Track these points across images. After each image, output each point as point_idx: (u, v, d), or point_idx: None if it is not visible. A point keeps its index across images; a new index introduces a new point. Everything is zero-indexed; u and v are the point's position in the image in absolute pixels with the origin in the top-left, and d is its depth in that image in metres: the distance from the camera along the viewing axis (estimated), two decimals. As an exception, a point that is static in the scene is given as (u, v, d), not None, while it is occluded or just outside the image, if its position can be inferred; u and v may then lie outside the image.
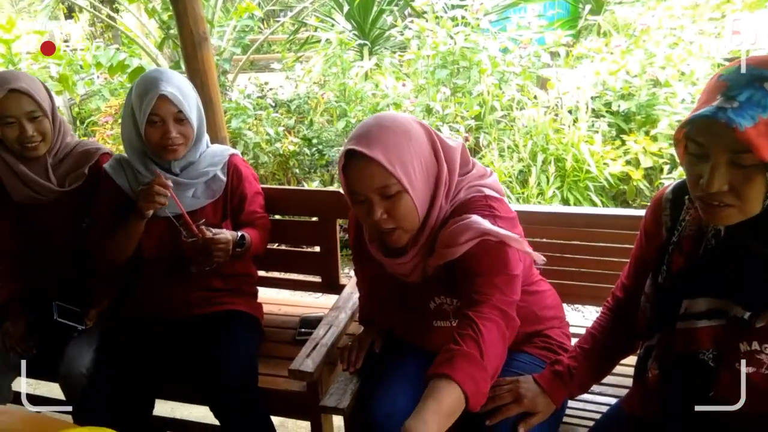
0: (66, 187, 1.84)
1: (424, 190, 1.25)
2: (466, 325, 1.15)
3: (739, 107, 0.86)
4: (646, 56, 3.65)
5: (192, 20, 2.35)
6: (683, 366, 1.09)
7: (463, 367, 1.08)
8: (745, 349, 0.99)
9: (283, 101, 5.03)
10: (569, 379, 1.30)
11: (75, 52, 6.56)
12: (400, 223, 1.25)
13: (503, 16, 5.34)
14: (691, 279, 1.06)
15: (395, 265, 1.36)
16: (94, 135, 5.05)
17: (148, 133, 1.66)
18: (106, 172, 1.78)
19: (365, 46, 5.32)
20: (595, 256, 1.78)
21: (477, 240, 1.20)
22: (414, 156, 1.22)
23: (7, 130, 1.71)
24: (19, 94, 1.69)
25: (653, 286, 1.14)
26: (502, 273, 1.22)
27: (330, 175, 4.17)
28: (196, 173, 1.77)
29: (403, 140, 1.21)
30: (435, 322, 1.39)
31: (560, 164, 3.33)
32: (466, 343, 1.12)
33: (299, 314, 2.04)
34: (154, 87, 1.63)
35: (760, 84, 0.86)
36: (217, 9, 5.43)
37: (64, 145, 1.87)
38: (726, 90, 0.88)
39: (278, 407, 1.73)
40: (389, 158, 1.18)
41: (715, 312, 1.02)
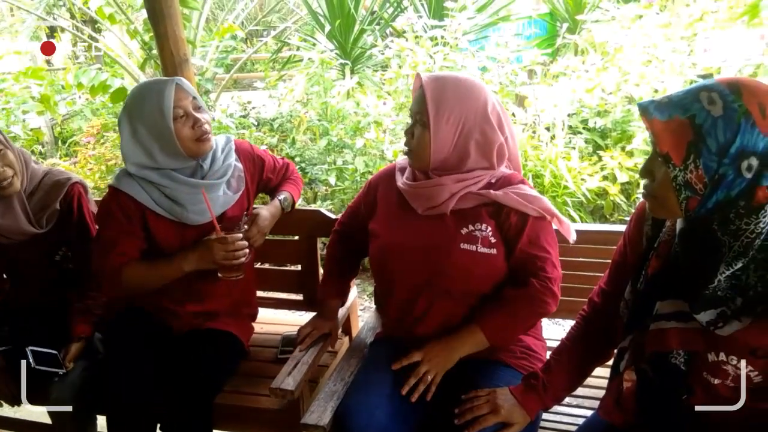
0: (44, 228, 1.80)
1: (447, 140, 1.45)
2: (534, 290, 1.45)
3: (666, 104, 0.93)
4: (621, 74, 3.74)
5: (173, 42, 2.39)
6: (656, 368, 1.13)
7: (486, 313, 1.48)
8: (712, 359, 1.03)
9: (266, 120, 5.07)
10: (543, 392, 1.33)
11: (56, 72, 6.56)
12: (413, 147, 1.49)
13: (482, 35, 5.44)
14: (663, 281, 1.10)
15: (432, 188, 1.49)
16: (76, 155, 5.04)
17: (178, 130, 1.59)
18: (116, 190, 1.66)
19: (347, 65, 5.38)
20: (572, 270, 1.81)
21: (542, 213, 1.45)
22: (456, 112, 1.43)
23: None
24: None
25: (632, 292, 1.18)
26: (556, 252, 1.49)
27: (314, 193, 4.20)
28: (221, 170, 1.73)
29: (457, 96, 1.43)
30: (462, 244, 1.46)
31: (538, 180, 3.39)
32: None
33: (281, 332, 2.05)
34: (166, 82, 1.60)
35: (698, 92, 0.92)
36: (199, 29, 5.47)
37: (31, 174, 1.80)
38: (675, 91, 0.96)
39: (260, 426, 1.74)
40: (435, 96, 1.42)
41: (681, 314, 1.05)
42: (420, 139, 1.46)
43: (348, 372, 1.62)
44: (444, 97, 1.43)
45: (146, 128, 1.60)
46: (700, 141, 0.90)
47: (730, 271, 0.95)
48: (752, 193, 0.90)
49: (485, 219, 1.47)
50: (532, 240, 1.46)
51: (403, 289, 1.56)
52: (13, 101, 5.32)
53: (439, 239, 1.48)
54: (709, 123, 0.90)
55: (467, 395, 1.38)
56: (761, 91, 0.90)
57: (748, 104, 0.88)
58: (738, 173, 0.89)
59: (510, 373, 1.48)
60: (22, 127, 5.29)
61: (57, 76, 6.20)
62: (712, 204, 0.93)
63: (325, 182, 3.91)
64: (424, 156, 1.48)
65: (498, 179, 1.51)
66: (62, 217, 1.82)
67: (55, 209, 1.80)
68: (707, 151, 0.90)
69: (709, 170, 0.91)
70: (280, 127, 4.84)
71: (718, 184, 0.91)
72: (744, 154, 0.89)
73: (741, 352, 0.99)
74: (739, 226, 0.93)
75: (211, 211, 1.63)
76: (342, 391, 1.53)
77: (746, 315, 0.96)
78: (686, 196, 0.94)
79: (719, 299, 0.98)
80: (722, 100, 0.89)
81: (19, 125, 5.25)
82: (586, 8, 5.48)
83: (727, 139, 0.89)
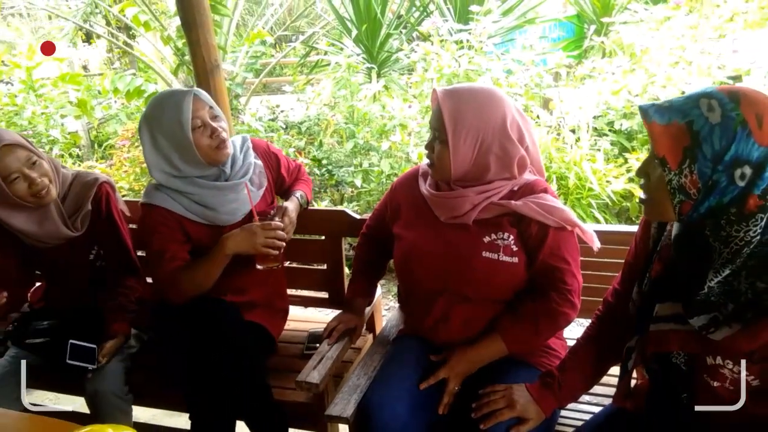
0: (81, 230, 1.86)
1: (466, 155, 1.46)
2: (550, 300, 1.48)
3: (666, 108, 0.96)
4: (648, 76, 3.73)
5: (205, 49, 2.48)
6: (661, 367, 1.16)
7: (506, 323, 1.52)
8: (711, 362, 1.05)
9: (294, 123, 5.16)
10: (558, 390, 1.36)
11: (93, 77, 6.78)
12: (436, 163, 1.52)
13: (508, 38, 5.45)
14: (663, 283, 1.13)
15: (454, 200, 1.53)
16: (112, 158, 5.20)
17: (197, 139, 1.65)
18: (150, 206, 1.73)
19: (373, 69, 5.45)
20: (592, 270, 1.83)
21: (562, 224, 1.46)
22: (474, 129, 1.44)
23: (15, 186, 1.69)
24: (12, 147, 1.67)
25: (638, 293, 1.21)
26: (576, 261, 1.51)
27: (340, 195, 4.27)
28: (243, 169, 1.80)
29: (474, 112, 1.44)
30: (484, 253, 1.49)
31: (563, 182, 3.40)
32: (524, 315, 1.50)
33: (307, 329, 2.12)
34: (183, 93, 1.66)
35: (698, 98, 0.95)
36: (230, 35, 5.60)
37: (63, 179, 1.86)
38: (677, 97, 0.98)
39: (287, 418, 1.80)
40: (453, 114, 1.43)
41: (678, 317, 1.08)
42: (440, 155, 1.49)
43: (371, 367, 1.68)
44: (461, 115, 1.44)
45: (166, 138, 1.67)
46: (696, 147, 0.93)
47: (719, 277, 0.97)
48: (744, 201, 0.92)
49: (507, 228, 1.50)
50: (552, 251, 1.48)
51: (425, 293, 1.60)
52: (52, 106, 5.52)
53: (461, 247, 1.52)
54: (706, 130, 0.92)
55: (484, 390, 1.42)
56: (760, 101, 0.92)
57: (746, 113, 0.90)
58: (731, 181, 0.92)
59: (528, 370, 1.51)
60: (60, 130, 5.48)
61: (93, 81, 6.41)
62: (704, 209, 0.95)
63: (351, 184, 3.98)
64: (445, 171, 1.51)
65: (521, 186, 1.53)
66: (93, 217, 1.90)
67: (88, 210, 1.87)
68: (702, 157, 0.92)
69: (704, 176, 0.93)
70: (307, 130, 4.94)
71: (711, 190, 0.93)
72: (738, 162, 0.91)
73: (736, 357, 1.01)
74: (729, 233, 0.95)
75: (252, 201, 1.72)
76: (365, 385, 1.59)
77: (737, 321, 0.97)
78: (680, 200, 0.97)
79: (711, 305, 0.99)
80: (721, 107, 0.92)
81: (57, 129, 5.45)
82: (614, 10, 5.46)
83: (723, 147, 0.91)
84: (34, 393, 2.22)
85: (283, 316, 2.06)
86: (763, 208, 0.91)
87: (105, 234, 1.93)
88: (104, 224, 1.92)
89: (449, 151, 1.46)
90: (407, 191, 1.70)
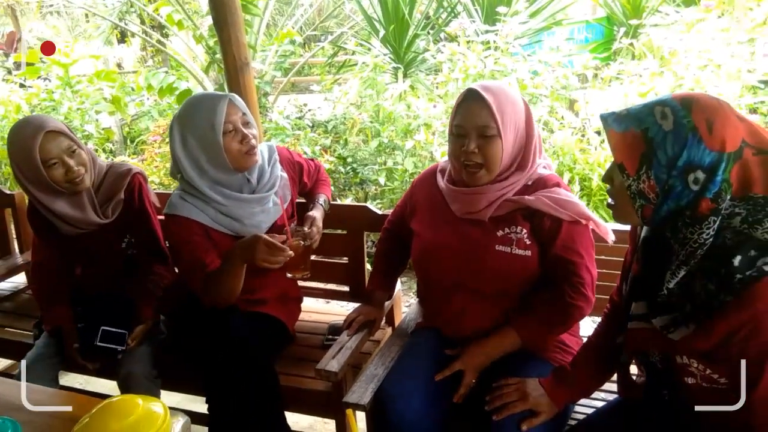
0: (111, 218, 1.94)
1: (511, 145, 1.51)
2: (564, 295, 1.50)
3: (624, 116, 1.00)
4: (675, 79, 3.70)
5: (235, 47, 2.55)
6: (644, 365, 1.19)
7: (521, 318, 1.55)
8: (680, 361, 1.07)
9: (321, 122, 5.23)
10: (570, 385, 1.39)
11: (127, 75, 6.95)
12: (487, 160, 1.50)
13: (536, 39, 5.44)
14: (638, 283, 1.16)
15: (472, 196, 1.56)
16: (143, 153, 5.34)
17: (227, 144, 1.67)
18: (176, 217, 1.74)
19: (399, 69, 5.49)
20: (609, 269, 1.84)
21: (576, 218, 1.49)
22: (514, 118, 1.50)
23: (53, 171, 1.78)
24: (55, 134, 1.76)
25: (625, 290, 1.24)
26: (590, 255, 1.53)
27: (364, 193, 4.32)
28: (270, 183, 1.83)
29: (511, 103, 1.50)
30: (497, 246, 1.54)
31: (586, 183, 3.40)
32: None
33: (328, 321, 2.17)
34: (219, 97, 1.68)
35: (653, 106, 0.98)
36: (260, 34, 5.70)
37: (98, 171, 1.94)
38: (634, 105, 1.02)
39: (306, 405, 1.86)
40: (498, 107, 1.46)
41: (646, 315, 1.11)
42: (493, 150, 1.49)
43: (389, 358, 1.72)
44: (504, 107, 1.48)
45: (196, 140, 1.70)
46: (651, 153, 0.96)
47: (676, 279, 1.00)
48: (697, 204, 0.95)
49: (520, 222, 1.53)
50: (566, 244, 1.50)
51: (442, 287, 1.65)
52: (88, 102, 5.69)
53: (475, 242, 1.56)
54: (660, 137, 0.95)
55: (498, 383, 1.46)
56: (711, 107, 0.94)
57: (696, 120, 0.93)
58: (685, 185, 0.95)
59: (542, 365, 1.54)
60: (95, 126, 5.64)
61: (127, 78, 6.58)
62: (664, 212, 0.98)
63: (375, 182, 4.02)
64: (496, 168, 1.52)
65: (534, 181, 1.57)
66: (126, 206, 1.98)
67: (120, 199, 1.95)
68: (657, 163, 0.96)
69: (660, 181, 0.96)
70: (333, 128, 5.00)
71: (668, 195, 0.96)
72: (691, 167, 0.94)
73: (698, 357, 1.03)
74: (685, 235, 0.97)
75: (284, 209, 1.77)
76: (382, 374, 1.63)
77: (692, 321, 1.00)
78: (641, 204, 1.00)
79: (672, 305, 1.03)
80: (673, 115, 0.95)
81: (92, 124, 5.61)
82: (645, 12, 5.41)
83: (675, 153, 0.94)
84: (67, 376, 2.31)
85: (296, 304, 2.11)
86: (716, 211, 0.94)
87: (136, 222, 2.01)
88: (136, 213, 2.00)
89: (502, 143, 1.48)
90: (426, 188, 1.74)
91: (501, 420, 1.36)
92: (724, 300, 0.95)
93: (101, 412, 0.79)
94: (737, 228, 0.94)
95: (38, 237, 2.05)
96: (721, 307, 0.95)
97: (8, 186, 4.98)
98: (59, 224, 1.91)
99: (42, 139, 1.74)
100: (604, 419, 1.38)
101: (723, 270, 0.95)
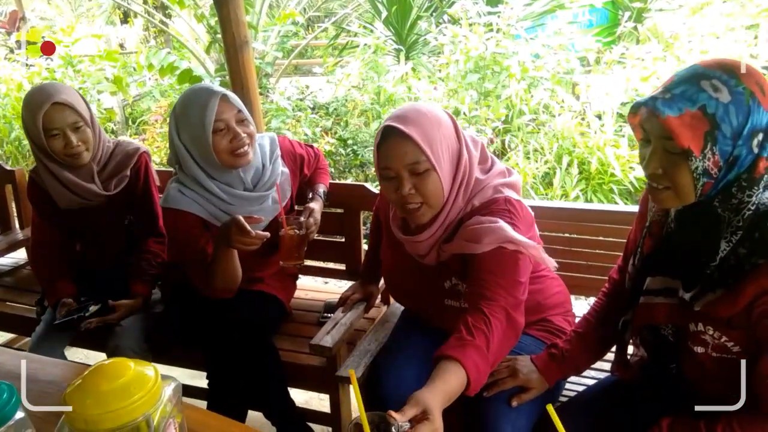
0: (112, 191, 1.95)
1: (449, 173, 1.37)
2: (479, 318, 1.27)
3: (671, 98, 0.96)
4: (678, 63, 3.68)
5: (235, 25, 2.54)
6: (651, 339, 1.19)
7: (472, 356, 1.20)
8: (693, 329, 1.07)
9: (322, 104, 5.23)
10: (562, 361, 1.39)
11: (129, 55, 6.93)
12: (427, 199, 1.36)
13: (539, 23, 5.41)
14: (654, 259, 1.15)
15: (413, 244, 1.47)
16: (145, 133, 5.35)
17: (216, 143, 1.63)
18: (174, 210, 1.72)
19: (401, 51, 5.47)
20: (604, 250, 1.85)
21: (497, 245, 1.31)
22: (443, 140, 1.34)
23: (53, 141, 1.80)
24: (62, 107, 1.78)
25: (633, 266, 1.24)
26: (511, 278, 1.33)
27: (365, 175, 4.32)
28: (270, 181, 1.79)
29: (435, 125, 1.34)
30: (446, 300, 1.50)
31: (585, 167, 3.40)
32: (477, 335, 1.24)
33: (323, 299, 2.19)
34: (211, 93, 1.63)
35: (697, 81, 0.96)
36: (262, 15, 5.68)
37: (105, 150, 1.96)
38: (669, 83, 0.99)
39: (301, 380, 1.88)
40: (423, 137, 1.31)
41: (668, 290, 1.11)
42: (432, 186, 1.34)
43: (382, 334, 1.74)
44: (429, 132, 1.33)
45: (188, 134, 1.67)
46: (715, 129, 0.94)
47: (731, 245, 0.98)
48: (755, 166, 0.95)
49: (459, 272, 1.44)
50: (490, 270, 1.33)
51: (410, 303, 1.71)
52: (89, 81, 5.69)
53: (428, 290, 1.54)
54: (721, 111, 0.94)
55: (490, 361, 1.46)
56: (752, 70, 0.95)
57: (749, 85, 0.93)
58: (750, 150, 0.95)
59: (533, 343, 1.54)
60: (97, 105, 5.64)
61: (129, 58, 6.56)
62: (722, 185, 0.98)
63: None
64: (439, 201, 1.38)
65: (485, 202, 1.41)
66: (132, 182, 2.00)
67: (125, 175, 1.98)
68: (722, 137, 0.94)
69: (725, 154, 0.95)
70: (335, 110, 5.00)
71: (732, 165, 0.96)
72: (755, 131, 0.94)
73: (716, 323, 1.03)
74: (741, 199, 0.97)
75: (282, 207, 1.75)
76: (375, 350, 1.65)
77: (720, 287, 1.00)
78: (703, 183, 0.98)
79: (702, 276, 1.02)
80: (725, 85, 0.94)
81: (94, 104, 5.62)
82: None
83: (740, 122, 0.94)
84: (72, 349, 2.33)
85: (292, 281, 2.13)
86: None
87: (139, 199, 2.03)
88: (140, 190, 2.02)
89: (438, 175, 1.33)
90: (385, 213, 1.65)
91: (491, 396, 1.37)
92: (756, 263, 0.95)
93: (93, 374, 0.81)
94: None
95: (37, 213, 2.06)
96: (753, 269, 0.96)
97: (9, 163, 5.00)
98: (58, 197, 1.93)
99: (48, 108, 1.76)
100: (596, 397, 1.39)
101: (757, 233, 0.95)
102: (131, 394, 0.77)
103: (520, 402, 1.36)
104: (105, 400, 0.76)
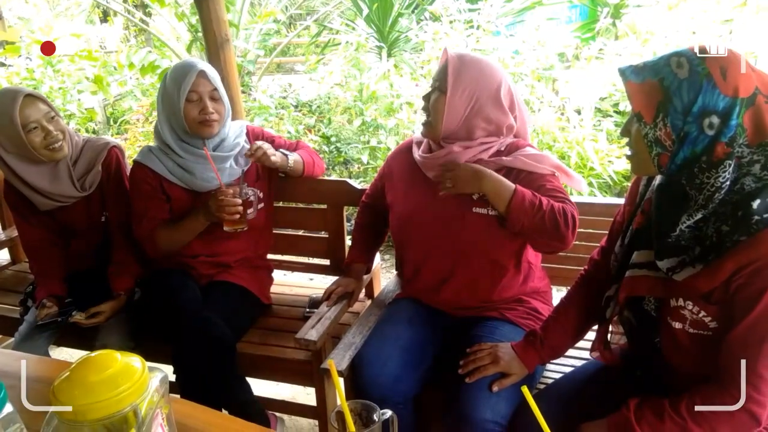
0: (88, 190, 1.97)
1: (459, 109, 1.56)
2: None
3: (641, 68, 1.04)
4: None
5: (215, 24, 2.55)
6: (634, 315, 1.23)
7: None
8: (673, 304, 1.12)
9: (305, 102, 5.23)
10: (540, 346, 1.44)
11: (109, 54, 6.86)
12: (432, 114, 1.60)
13: (519, 19, 5.46)
14: (642, 233, 1.20)
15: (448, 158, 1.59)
16: (127, 132, 5.31)
17: (187, 110, 1.80)
18: (138, 164, 1.89)
19: (383, 49, 5.49)
20: (583, 241, 1.90)
21: (554, 170, 1.56)
22: (471, 87, 1.55)
23: (32, 135, 1.80)
24: (33, 99, 1.81)
25: (621, 246, 1.28)
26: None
27: (348, 172, 4.34)
28: (229, 146, 1.94)
29: (475, 74, 1.55)
30: (474, 208, 1.57)
31: (565, 161, 3.45)
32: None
33: (308, 294, 2.21)
34: (192, 67, 1.80)
35: (669, 57, 1.02)
36: (243, 13, 5.66)
37: (74, 144, 1.97)
38: (652, 57, 1.05)
39: (287, 374, 1.90)
40: (455, 70, 1.54)
41: (652, 264, 1.15)
42: (436, 104, 1.58)
43: (366, 327, 1.76)
44: (463, 72, 1.54)
45: (167, 99, 1.84)
46: (667, 101, 1.00)
47: (691, 221, 1.04)
48: (713, 149, 0.99)
49: None
50: (546, 192, 1.53)
51: (419, 255, 1.69)
52: (69, 81, 5.63)
53: (452, 206, 1.59)
54: (675, 84, 1.00)
55: (472, 348, 1.50)
56: (726, 56, 0.99)
57: (711, 67, 0.97)
58: (701, 130, 0.99)
59: (514, 330, 1.59)
60: (77, 105, 5.58)
61: (110, 58, 6.49)
62: (680, 160, 1.03)
63: (359, 161, 4.05)
64: (437, 122, 1.59)
65: (507, 146, 1.63)
66: (104, 178, 2.00)
67: (98, 171, 1.99)
68: (674, 110, 1.00)
69: (676, 128, 1.01)
70: (318, 108, 5.01)
71: (683, 141, 1.01)
72: (706, 112, 0.98)
73: (695, 298, 1.08)
74: (702, 180, 1.02)
75: (214, 167, 1.84)
76: (360, 342, 1.68)
77: (699, 262, 1.05)
78: (657, 153, 1.04)
79: (681, 248, 1.07)
80: (689, 63, 0.99)
81: (74, 104, 5.55)
82: (628, -7, 5.43)
83: (690, 99, 0.99)
84: (53, 350, 2.33)
85: (266, 273, 2.16)
86: (730, 155, 0.99)
87: (112, 194, 2.03)
88: (113, 185, 2.03)
89: (446, 100, 1.55)
90: (400, 161, 1.78)
91: (473, 381, 1.41)
92: (737, 240, 1.00)
93: (80, 366, 0.82)
94: (757, 174, 0.99)
95: (16, 215, 2.05)
96: (734, 245, 1.00)
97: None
98: (36, 199, 1.92)
99: (21, 103, 1.76)
100: (573, 382, 1.43)
101: (740, 212, 1.00)
102: (118, 385, 0.79)
103: (500, 387, 1.40)
104: (93, 391, 0.78)
